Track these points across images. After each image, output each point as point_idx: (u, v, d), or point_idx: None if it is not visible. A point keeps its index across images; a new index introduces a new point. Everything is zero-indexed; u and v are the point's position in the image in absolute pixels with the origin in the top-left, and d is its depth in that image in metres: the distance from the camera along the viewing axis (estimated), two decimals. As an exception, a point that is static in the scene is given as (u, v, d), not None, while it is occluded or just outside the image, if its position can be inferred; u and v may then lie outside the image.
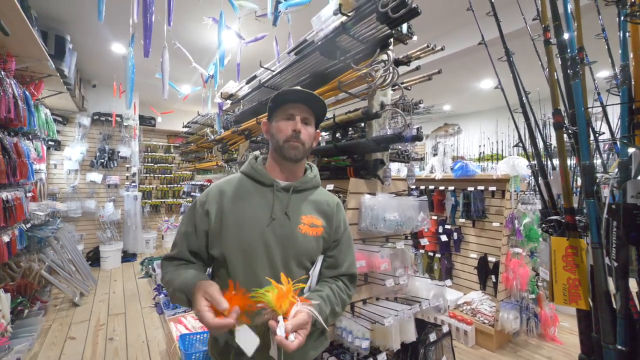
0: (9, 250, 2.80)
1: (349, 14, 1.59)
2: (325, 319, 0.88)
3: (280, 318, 0.73)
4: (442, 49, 1.82)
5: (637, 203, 0.69)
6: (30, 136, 3.55)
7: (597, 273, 0.85)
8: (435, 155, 3.82)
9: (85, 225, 5.49)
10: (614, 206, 0.75)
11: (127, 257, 5.58)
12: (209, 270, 1.04)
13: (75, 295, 3.72)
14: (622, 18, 0.82)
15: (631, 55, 0.77)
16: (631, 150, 0.75)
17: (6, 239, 2.74)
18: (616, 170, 0.79)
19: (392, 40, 1.65)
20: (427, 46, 1.84)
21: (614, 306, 0.79)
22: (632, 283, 0.81)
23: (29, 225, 3.47)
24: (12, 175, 2.71)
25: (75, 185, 5.40)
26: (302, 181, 1.02)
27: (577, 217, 0.95)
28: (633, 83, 0.77)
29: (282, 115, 0.97)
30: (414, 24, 1.74)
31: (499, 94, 1.56)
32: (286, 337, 0.71)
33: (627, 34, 0.80)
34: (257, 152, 1.14)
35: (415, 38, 1.76)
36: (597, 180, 0.85)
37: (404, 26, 1.68)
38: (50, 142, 4.93)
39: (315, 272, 0.97)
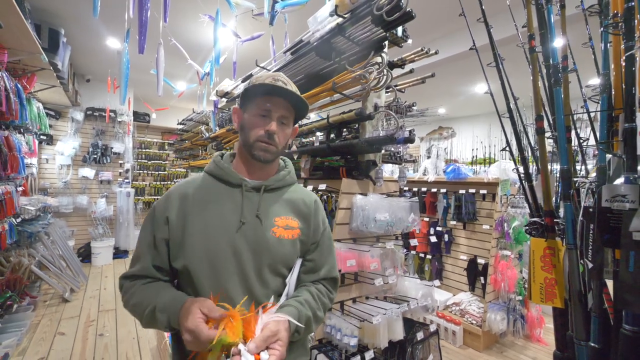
0: (-2, 244, 2.77)
1: (345, 16, 1.61)
2: (307, 323, 0.80)
3: (240, 346, 0.63)
4: (435, 53, 1.85)
5: (610, 207, 0.72)
6: (21, 130, 3.51)
7: (571, 273, 0.89)
8: (429, 157, 3.86)
9: (77, 220, 5.44)
10: (591, 209, 0.78)
11: (119, 253, 5.54)
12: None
13: (65, 291, 3.69)
14: (602, 29, 0.86)
15: (612, 65, 0.81)
16: (609, 156, 0.78)
17: (-5, 233, 2.71)
18: (594, 174, 0.83)
19: (386, 43, 1.68)
20: (422, 50, 1.87)
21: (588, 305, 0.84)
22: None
23: (19, 220, 3.44)
24: (3, 169, 2.69)
25: (67, 181, 5.35)
26: (274, 179, 0.91)
27: (555, 220, 0.98)
28: (613, 92, 0.80)
29: (257, 108, 0.85)
30: (409, 27, 1.77)
31: (495, 96, 1.59)
32: (257, 359, 0.62)
33: (609, 44, 0.83)
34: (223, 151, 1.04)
35: (410, 41, 1.79)
36: (577, 184, 0.88)
37: (399, 29, 1.70)
38: (42, 136, 4.88)
39: (292, 278, 0.87)
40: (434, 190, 3.53)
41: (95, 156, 5.56)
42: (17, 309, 3.07)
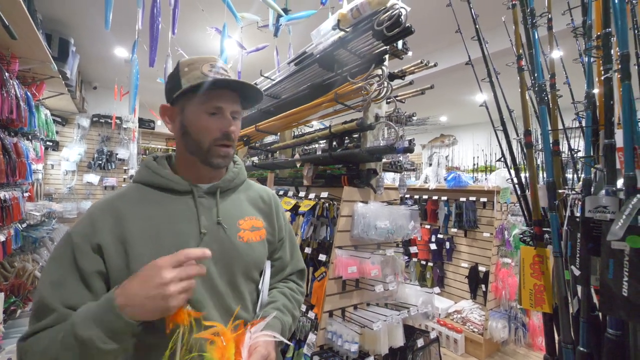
0: (4, 249, 2.81)
1: (347, 30, 1.67)
2: (289, 330, 0.78)
3: None
4: (434, 65, 1.90)
5: (593, 217, 0.76)
6: (29, 136, 3.58)
7: (558, 279, 0.92)
8: (430, 165, 3.90)
9: (80, 226, 5.48)
10: (577, 219, 0.82)
11: (121, 259, 5.57)
12: None
13: (68, 296, 3.71)
14: (584, 49, 0.91)
15: (596, 80, 0.86)
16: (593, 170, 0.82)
17: (2, 238, 2.76)
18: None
19: (387, 56, 1.73)
20: (421, 62, 1.92)
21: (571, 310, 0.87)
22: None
23: (24, 225, 3.49)
24: (12, 175, 2.75)
25: (72, 186, 5.41)
26: (228, 179, 0.80)
27: (545, 229, 1.02)
28: (598, 107, 0.85)
29: (203, 106, 0.71)
30: (409, 40, 1.83)
31: (493, 107, 1.64)
32: None
33: (593, 63, 0.88)
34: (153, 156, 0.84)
35: (410, 53, 1.84)
36: (564, 195, 0.92)
37: (399, 42, 1.76)
38: (48, 143, 4.96)
39: (265, 285, 0.80)
40: (435, 197, 3.56)
41: (100, 162, 5.63)
42: (20, 314, 3.10)
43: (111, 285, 0.65)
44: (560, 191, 0.95)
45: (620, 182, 0.75)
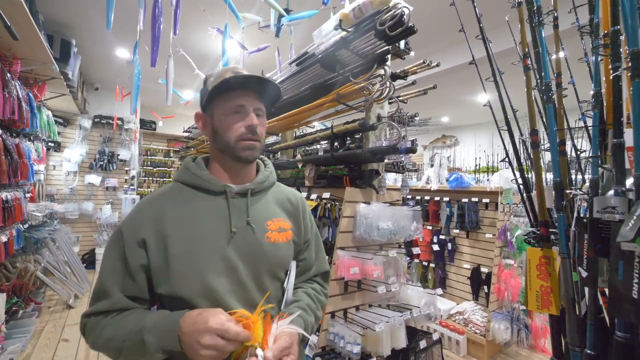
0: (6, 250, 2.81)
1: (349, 30, 1.66)
2: (311, 329, 0.80)
3: (258, 351, 0.62)
4: (437, 65, 1.89)
5: (601, 217, 0.75)
6: (31, 137, 3.59)
7: (565, 281, 0.91)
8: (432, 166, 3.89)
9: (82, 227, 5.49)
10: (585, 220, 0.81)
11: (123, 259, 5.57)
12: (154, 309, 0.80)
13: (69, 297, 3.71)
14: (592, 47, 0.89)
15: (603, 79, 0.84)
16: (601, 169, 0.81)
17: (4, 239, 2.76)
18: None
19: (389, 56, 1.73)
20: (424, 62, 1.92)
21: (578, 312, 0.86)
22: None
23: (26, 226, 3.49)
24: (13, 176, 2.74)
25: (74, 187, 5.42)
26: (258, 181, 0.85)
27: (551, 230, 1.01)
28: (605, 107, 0.84)
29: (227, 107, 0.78)
30: (411, 39, 1.82)
31: (495, 107, 1.63)
32: None
33: (601, 62, 0.87)
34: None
35: (412, 53, 1.84)
36: (572, 196, 0.91)
37: (402, 42, 1.75)
38: (50, 143, 4.97)
39: (290, 284, 0.84)
40: (437, 198, 3.54)
41: (102, 163, 5.64)
42: (22, 314, 3.09)
43: (152, 277, 0.72)
44: (567, 191, 0.94)
45: (629, 182, 0.74)
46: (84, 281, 4.26)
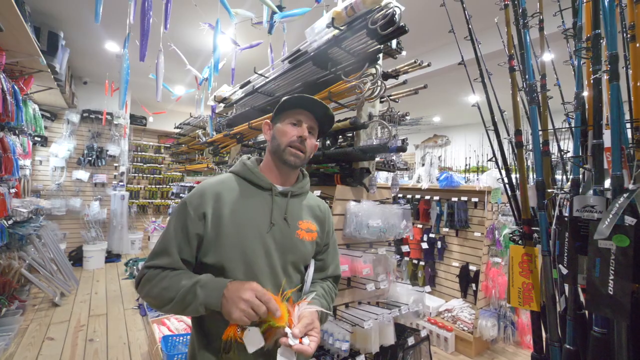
0: (-11, 246, 2.74)
1: (341, 28, 1.66)
2: (325, 316, 0.92)
3: (287, 330, 0.73)
4: (428, 65, 1.91)
5: (581, 216, 0.77)
6: (16, 131, 3.50)
7: (545, 278, 0.93)
8: (423, 165, 3.92)
9: (69, 223, 5.38)
10: (565, 218, 0.83)
11: (112, 257, 5.49)
12: None
13: (55, 295, 3.64)
14: (574, 50, 0.92)
15: (585, 82, 0.87)
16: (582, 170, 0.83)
17: (-13, 235, 2.69)
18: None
19: (381, 55, 1.73)
20: (415, 62, 1.93)
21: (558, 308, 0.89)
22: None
23: (10, 222, 3.40)
24: (-3, 171, 2.68)
25: (61, 183, 5.31)
26: (298, 186, 1.01)
27: (534, 228, 1.03)
28: (587, 108, 0.86)
29: (288, 119, 0.95)
30: (403, 40, 1.83)
31: (485, 108, 1.65)
32: (300, 342, 0.73)
33: (583, 64, 0.89)
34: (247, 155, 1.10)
35: (404, 53, 1.85)
36: (553, 195, 0.93)
37: (394, 42, 1.76)
38: (36, 138, 4.85)
39: (309, 277, 0.97)
40: (428, 197, 3.58)
41: (90, 158, 5.54)
42: (5, 313, 3.03)
43: (202, 246, 0.87)
44: (549, 191, 0.96)
45: (607, 182, 0.76)
46: (71, 278, 4.18)
